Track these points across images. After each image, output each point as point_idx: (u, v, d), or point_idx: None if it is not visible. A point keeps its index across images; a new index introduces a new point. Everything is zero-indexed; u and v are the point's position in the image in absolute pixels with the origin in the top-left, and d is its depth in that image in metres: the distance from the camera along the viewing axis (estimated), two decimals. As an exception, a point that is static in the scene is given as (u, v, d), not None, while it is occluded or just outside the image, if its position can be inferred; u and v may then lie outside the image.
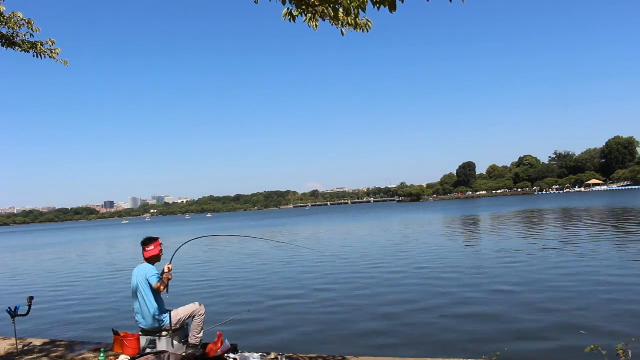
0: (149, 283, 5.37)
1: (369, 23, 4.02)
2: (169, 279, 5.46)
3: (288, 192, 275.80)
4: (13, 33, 5.91)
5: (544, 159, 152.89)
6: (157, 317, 5.42)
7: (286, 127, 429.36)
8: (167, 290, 5.52)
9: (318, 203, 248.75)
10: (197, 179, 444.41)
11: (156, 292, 5.46)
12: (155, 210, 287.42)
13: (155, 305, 5.44)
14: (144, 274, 5.42)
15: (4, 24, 5.81)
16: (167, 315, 5.49)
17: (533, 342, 7.11)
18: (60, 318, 10.91)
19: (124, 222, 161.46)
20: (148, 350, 5.39)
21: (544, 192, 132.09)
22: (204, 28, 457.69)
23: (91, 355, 6.25)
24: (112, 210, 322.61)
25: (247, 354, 5.77)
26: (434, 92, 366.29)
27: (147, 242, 5.65)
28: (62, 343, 7.16)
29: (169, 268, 5.59)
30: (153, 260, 5.62)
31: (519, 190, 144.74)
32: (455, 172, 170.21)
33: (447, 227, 34.01)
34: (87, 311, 11.52)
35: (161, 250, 5.72)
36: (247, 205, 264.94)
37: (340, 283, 13.04)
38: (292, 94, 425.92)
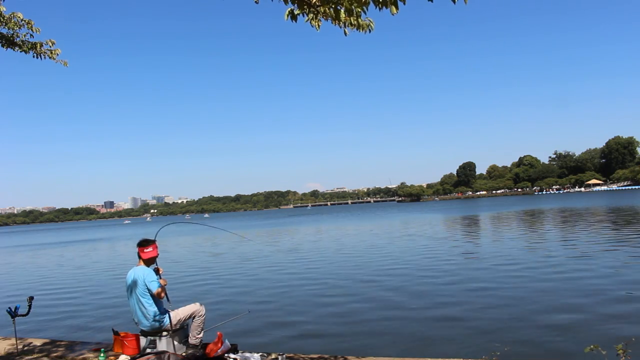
0: (149, 288, 5.37)
1: (371, 24, 4.02)
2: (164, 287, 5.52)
3: (288, 192, 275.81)
4: (13, 33, 5.90)
5: (544, 159, 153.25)
6: (156, 317, 5.42)
7: (286, 127, 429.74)
8: (168, 298, 5.55)
9: (318, 203, 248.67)
10: (197, 179, 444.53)
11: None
12: (155, 210, 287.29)
13: (155, 306, 5.43)
14: (143, 276, 5.40)
15: (4, 24, 5.80)
16: (167, 315, 5.49)
17: (533, 342, 7.10)
18: (60, 318, 10.91)
19: (126, 222, 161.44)
20: (148, 350, 5.39)
21: (544, 192, 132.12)
22: (204, 27, 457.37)
23: (91, 355, 6.25)
24: (112, 210, 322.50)
25: (247, 354, 5.77)
26: (434, 92, 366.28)
27: (144, 243, 5.62)
28: (62, 343, 7.16)
29: (165, 282, 5.62)
30: (151, 262, 5.62)
31: (519, 190, 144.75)
32: (455, 172, 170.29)
33: (449, 228, 34.02)
34: (87, 311, 11.52)
35: (157, 254, 5.72)
36: (247, 205, 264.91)
37: (341, 283, 13.04)
38: (292, 93, 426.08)
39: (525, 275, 12.44)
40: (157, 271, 5.64)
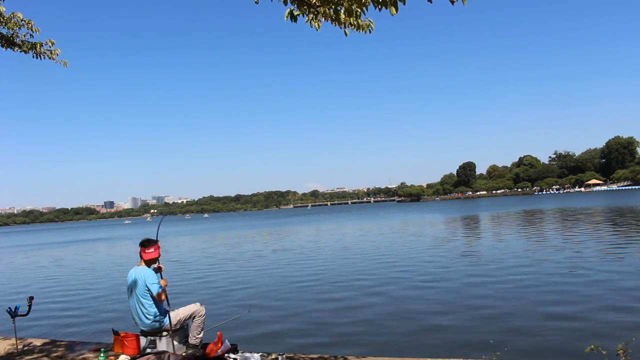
0: (149, 289, 5.37)
1: (371, 24, 4.02)
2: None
3: (288, 192, 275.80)
4: (13, 34, 5.90)
5: (544, 159, 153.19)
6: (156, 318, 5.42)
7: (286, 127, 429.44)
8: (169, 302, 5.52)
9: (318, 203, 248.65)
10: (197, 179, 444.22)
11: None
12: (155, 210, 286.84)
13: (155, 306, 5.43)
14: (144, 277, 5.39)
15: (3, 24, 5.80)
16: (167, 315, 5.49)
17: (533, 342, 7.11)
18: (60, 318, 10.92)
19: (127, 221, 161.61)
20: (148, 350, 5.39)
21: (544, 192, 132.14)
22: (203, 27, 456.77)
23: (91, 355, 6.25)
24: (112, 210, 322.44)
25: (247, 354, 5.77)
26: (434, 92, 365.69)
27: (146, 243, 5.61)
28: (62, 343, 7.16)
29: (165, 282, 5.62)
30: (151, 262, 5.62)
31: (519, 190, 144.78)
32: (455, 172, 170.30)
33: (449, 228, 34.04)
34: (87, 311, 11.52)
35: (160, 254, 5.71)
36: (247, 205, 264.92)
37: (341, 284, 13.04)
38: (292, 93, 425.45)
39: (525, 275, 12.43)
40: (158, 269, 5.63)
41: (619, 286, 10.47)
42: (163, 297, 5.40)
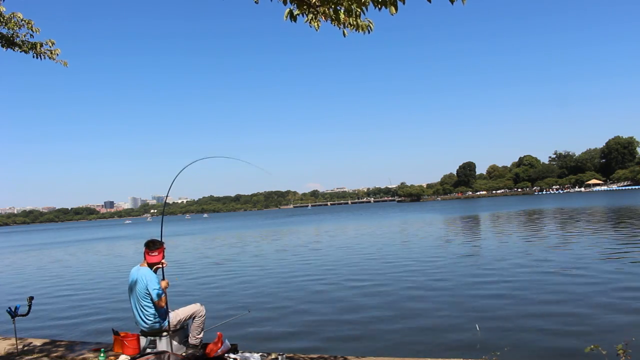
0: (149, 293, 5.36)
1: (371, 24, 4.02)
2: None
3: (288, 192, 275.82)
4: (13, 34, 5.90)
5: (544, 159, 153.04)
6: (156, 318, 5.41)
7: (286, 127, 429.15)
8: (167, 307, 5.47)
9: (318, 203, 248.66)
10: (197, 179, 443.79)
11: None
12: (155, 210, 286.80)
13: (154, 308, 5.42)
14: (145, 280, 5.36)
15: (3, 24, 5.80)
16: (166, 316, 5.48)
17: (533, 342, 7.11)
18: (61, 318, 10.92)
19: (127, 221, 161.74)
20: (148, 351, 5.39)
21: (544, 192, 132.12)
22: (203, 27, 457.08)
23: (91, 355, 6.25)
24: (112, 210, 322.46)
25: (247, 354, 5.78)
26: (434, 92, 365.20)
27: (152, 246, 5.55)
28: (62, 343, 7.16)
29: (166, 284, 5.60)
30: (154, 265, 5.60)
31: (519, 190, 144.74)
32: (455, 172, 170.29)
33: (448, 228, 34.04)
34: (87, 311, 11.53)
35: (164, 256, 5.70)
36: (247, 205, 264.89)
37: (341, 284, 13.04)
38: (292, 93, 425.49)
39: (525, 275, 12.44)
40: (160, 265, 5.60)
41: (618, 286, 10.47)
42: (163, 303, 5.36)
